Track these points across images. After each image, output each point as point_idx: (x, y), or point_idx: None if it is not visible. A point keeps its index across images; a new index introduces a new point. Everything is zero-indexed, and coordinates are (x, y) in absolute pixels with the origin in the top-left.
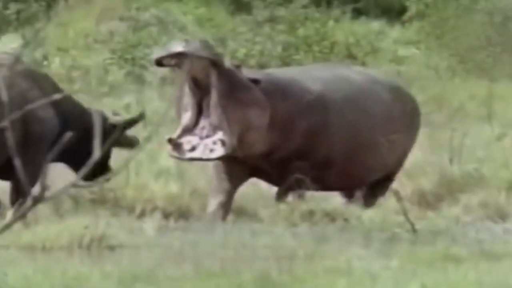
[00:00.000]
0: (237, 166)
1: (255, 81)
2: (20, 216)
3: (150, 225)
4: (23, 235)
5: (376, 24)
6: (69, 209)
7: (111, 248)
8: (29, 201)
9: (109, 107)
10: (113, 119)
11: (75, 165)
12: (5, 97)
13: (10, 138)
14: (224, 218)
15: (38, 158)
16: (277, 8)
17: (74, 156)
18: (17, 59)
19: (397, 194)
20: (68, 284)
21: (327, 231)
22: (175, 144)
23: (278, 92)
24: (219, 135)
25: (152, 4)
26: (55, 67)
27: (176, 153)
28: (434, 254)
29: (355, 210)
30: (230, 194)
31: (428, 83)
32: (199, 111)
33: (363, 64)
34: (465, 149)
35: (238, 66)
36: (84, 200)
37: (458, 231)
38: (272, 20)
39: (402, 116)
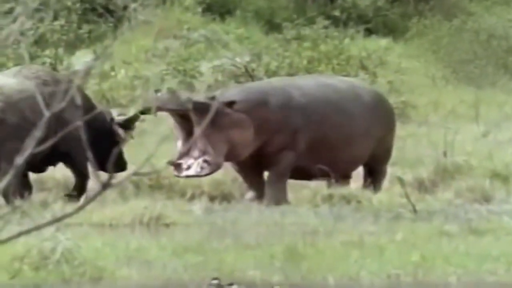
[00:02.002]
0: (246, 165)
1: (231, 103)
2: (91, 199)
3: (198, 206)
4: (94, 214)
5: (384, 41)
6: (132, 193)
7: (166, 225)
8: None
9: None
10: (118, 118)
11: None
12: (78, 101)
13: (83, 138)
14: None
15: (78, 155)
16: (303, 28)
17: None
18: (88, 71)
19: (401, 180)
20: (130, 255)
21: (343, 211)
22: (176, 165)
23: (259, 101)
24: (206, 157)
25: (201, 25)
26: (120, 77)
27: (176, 172)
28: (431, 230)
29: (367, 194)
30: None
31: (426, 90)
32: (188, 138)
33: (374, 74)
34: (456, 144)
35: (212, 97)
36: (144, 186)
37: (451, 211)
38: (299, 38)
39: (380, 115)
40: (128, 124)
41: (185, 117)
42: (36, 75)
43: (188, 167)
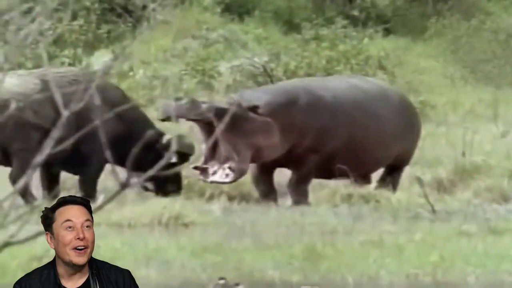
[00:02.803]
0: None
1: (254, 108)
2: (110, 199)
3: (217, 206)
4: (113, 214)
5: (402, 41)
6: (150, 193)
7: (185, 225)
8: (117, 187)
9: None
10: (168, 142)
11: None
12: (98, 102)
13: (103, 136)
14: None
15: (97, 155)
16: (321, 28)
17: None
18: (106, 70)
19: (419, 180)
20: (149, 255)
21: (362, 211)
22: (202, 169)
23: (285, 103)
24: (230, 163)
25: (219, 25)
26: (139, 77)
27: (202, 176)
28: (449, 230)
29: (385, 193)
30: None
31: (444, 90)
32: (214, 145)
33: (392, 74)
34: (475, 144)
35: (233, 103)
36: None
37: (469, 211)
38: (317, 38)
39: (405, 117)
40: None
41: (208, 123)
42: (56, 76)
43: (214, 172)
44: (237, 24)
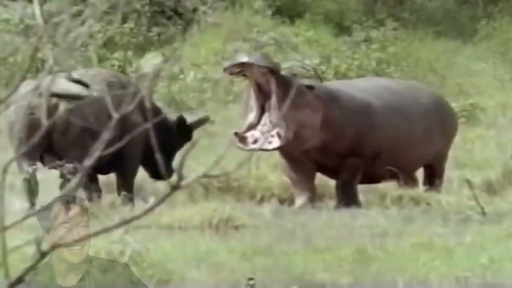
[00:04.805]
0: (306, 166)
1: (310, 87)
2: (160, 201)
3: (267, 209)
4: (163, 216)
5: (452, 43)
6: (201, 196)
7: (236, 228)
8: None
9: (234, 112)
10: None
11: (149, 167)
12: (148, 104)
13: (153, 139)
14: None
15: (134, 156)
16: (372, 31)
17: (152, 159)
18: (157, 73)
19: (469, 183)
20: (199, 258)
21: (413, 213)
22: (241, 137)
23: (331, 97)
24: (277, 129)
25: (270, 28)
26: (189, 80)
27: (241, 144)
28: (499, 233)
29: (436, 196)
30: (312, 189)
31: (494, 92)
32: (262, 111)
33: (442, 76)
34: None
35: (294, 75)
36: (213, 188)
37: None
38: (368, 40)
39: (439, 117)
40: (197, 126)
41: (262, 91)
42: (104, 78)
43: (255, 141)
44: (288, 26)
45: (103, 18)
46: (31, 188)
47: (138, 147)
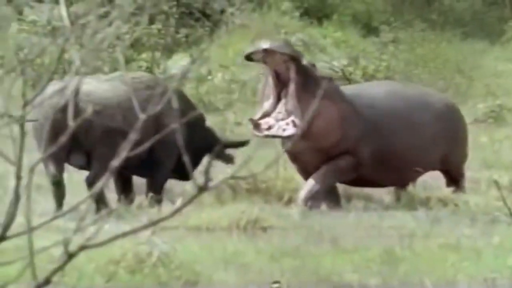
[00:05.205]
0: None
1: (329, 79)
2: (188, 202)
3: (295, 210)
4: (191, 218)
5: (480, 44)
6: (229, 197)
7: (264, 229)
8: (195, 190)
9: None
10: (222, 137)
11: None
12: (176, 105)
13: (180, 141)
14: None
15: (169, 160)
16: (400, 32)
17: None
18: (184, 74)
19: (497, 183)
20: (227, 259)
21: (440, 214)
22: (255, 124)
23: (346, 97)
24: (292, 117)
25: (298, 29)
26: (217, 81)
27: (255, 131)
28: None
29: (464, 197)
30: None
31: None
32: (278, 99)
33: (470, 77)
34: None
35: (313, 65)
36: (241, 190)
37: None
38: (396, 41)
39: (449, 123)
40: (231, 146)
41: (280, 79)
42: (134, 81)
43: (269, 127)
44: (315, 28)
45: (130, 19)
46: (60, 192)
47: (174, 150)
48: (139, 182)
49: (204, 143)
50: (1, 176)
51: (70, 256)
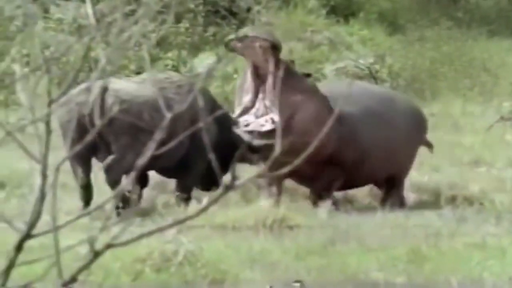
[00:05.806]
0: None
1: (307, 75)
2: (214, 201)
3: (322, 209)
4: (217, 216)
5: (506, 43)
6: (255, 196)
7: (290, 227)
8: (221, 189)
9: None
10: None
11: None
12: (201, 103)
13: (207, 140)
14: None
15: (202, 161)
16: (426, 30)
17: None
18: (210, 73)
19: None
20: (253, 258)
21: (466, 213)
22: (234, 121)
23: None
24: (271, 114)
25: (324, 27)
26: None
27: (235, 127)
28: None
29: (490, 196)
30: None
31: None
32: (257, 95)
33: (495, 75)
34: None
35: (292, 61)
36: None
37: None
38: (422, 39)
39: (415, 124)
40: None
41: (259, 74)
42: (162, 81)
43: (247, 125)
44: (342, 26)
45: (157, 18)
46: (87, 194)
47: (206, 151)
48: (159, 179)
49: (231, 146)
50: (27, 175)
51: (96, 254)
